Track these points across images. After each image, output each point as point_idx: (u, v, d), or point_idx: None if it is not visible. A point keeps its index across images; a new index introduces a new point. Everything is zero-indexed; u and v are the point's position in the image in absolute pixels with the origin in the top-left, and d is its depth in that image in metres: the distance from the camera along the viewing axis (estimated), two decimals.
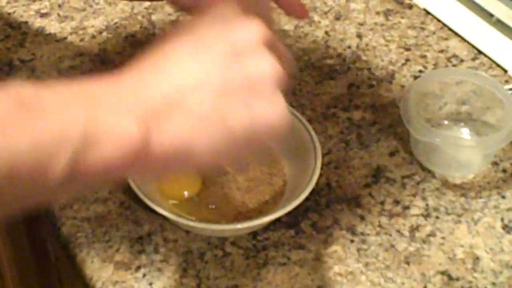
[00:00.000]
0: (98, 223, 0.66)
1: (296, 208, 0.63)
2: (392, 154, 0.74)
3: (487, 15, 0.88)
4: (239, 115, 0.49)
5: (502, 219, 0.69)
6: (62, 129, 0.43)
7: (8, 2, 0.90)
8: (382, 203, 0.69)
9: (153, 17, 0.89)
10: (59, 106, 0.45)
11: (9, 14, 0.88)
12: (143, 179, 0.65)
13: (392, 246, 0.66)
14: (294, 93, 0.79)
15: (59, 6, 0.90)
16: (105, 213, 0.67)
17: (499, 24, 0.87)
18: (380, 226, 0.67)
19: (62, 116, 0.44)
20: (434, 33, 0.88)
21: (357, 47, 0.86)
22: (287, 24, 0.89)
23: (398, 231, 0.67)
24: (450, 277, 0.64)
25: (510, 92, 0.74)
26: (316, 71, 0.82)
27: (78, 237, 0.65)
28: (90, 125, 0.45)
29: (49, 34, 0.86)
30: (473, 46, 0.86)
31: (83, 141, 0.44)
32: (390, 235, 0.66)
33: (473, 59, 0.85)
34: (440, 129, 0.76)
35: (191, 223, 0.63)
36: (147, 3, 0.90)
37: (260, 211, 0.66)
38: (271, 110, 0.50)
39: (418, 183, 0.71)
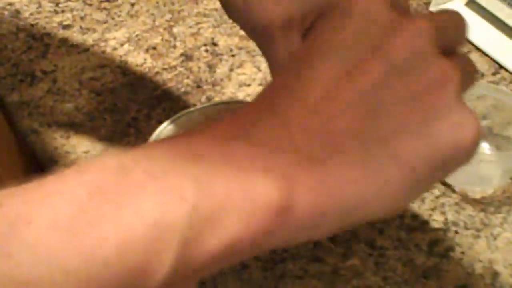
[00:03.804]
0: None
1: None
2: None
3: (509, 30, 0.87)
4: (414, 147, 0.37)
5: None
6: (160, 214, 0.32)
7: (31, 14, 0.91)
8: (401, 217, 0.69)
9: (174, 30, 0.89)
10: (153, 182, 0.33)
11: (32, 25, 0.89)
12: None
13: (411, 260, 0.65)
14: None
15: (81, 18, 0.91)
16: None
17: None
18: (398, 240, 0.67)
19: (159, 195, 0.32)
20: None
21: None
22: None
23: (417, 245, 0.67)
24: None
25: None
26: None
27: None
28: (203, 199, 0.33)
29: (71, 45, 0.87)
30: (494, 61, 0.86)
31: (194, 224, 0.32)
32: (409, 249, 0.66)
33: (494, 74, 0.84)
34: None
35: None
36: (169, 16, 0.91)
37: None
38: (457, 126, 0.37)
39: (437, 198, 0.71)
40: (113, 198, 0.32)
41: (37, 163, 0.74)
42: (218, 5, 0.93)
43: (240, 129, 0.37)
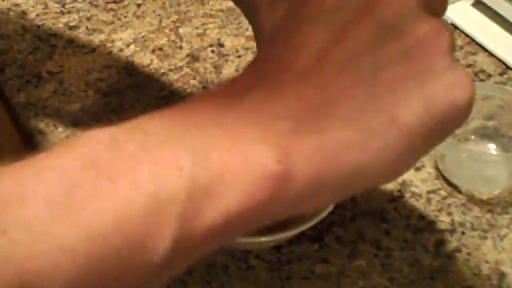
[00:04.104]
0: None
1: (320, 222, 0.63)
2: (417, 168, 0.73)
3: None
4: (411, 107, 0.36)
5: None
6: (158, 186, 0.31)
7: (37, 15, 0.91)
8: (407, 217, 0.69)
9: (181, 30, 0.89)
10: (148, 155, 0.32)
11: (38, 26, 0.89)
12: None
13: (417, 261, 0.65)
14: None
15: (88, 19, 0.91)
16: None
17: None
18: (405, 241, 0.67)
19: (155, 167, 0.32)
20: (461, 47, 0.87)
21: None
22: None
23: (423, 246, 0.66)
24: None
25: None
26: None
27: None
28: (200, 170, 0.32)
29: (78, 46, 0.87)
30: (501, 61, 0.86)
31: (192, 196, 0.32)
32: (415, 250, 0.66)
33: (501, 74, 0.84)
34: (466, 144, 0.75)
35: None
36: (175, 17, 0.91)
37: (284, 225, 0.66)
38: (451, 83, 0.37)
39: (443, 198, 0.71)
40: (108, 171, 0.31)
41: None
42: (224, 6, 0.93)
43: (234, 98, 0.36)
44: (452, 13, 0.91)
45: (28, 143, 0.77)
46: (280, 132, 0.35)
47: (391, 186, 0.71)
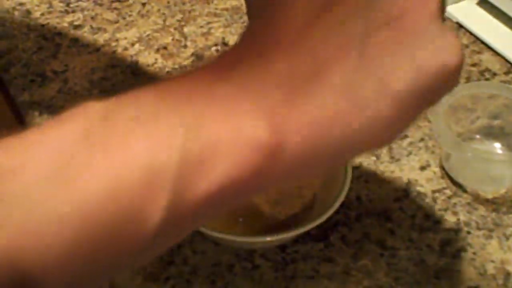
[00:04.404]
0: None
1: (325, 221, 0.63)
2: (423, 168, 0.73)
3: None
4: (401, 72, 0.36)
5: None
6: (151, 157, 0.32)
7: (42, 14, 0.91)
8: (413, 217, 0.69)
9: (185, 29, 0.89)
10: (141, 127, 0.32)
11: (42, 26, 0.89)
12: None
13: (422, 260, 0.65)
14: None
15: (92, 18, 0.91)
16: None
17: None
18: (410, 240, 0.67)
19: (148, 140, 0.32)
20: (467, 46, 0.87)
21: None
22: None
23: (429, 245, 0.66)
24: None
25: None
26: None
27: None
28: (192, 141, 0.32)
29: (82, 45, 0.87)
30: (506, 60, 0.85)
31: (185, 167, 0.32)
32: (420, 249, 0.66)
33: (506, 73, 0.84)
34: (472, 143, 0.75)
35: (220, 235, 0.63)
36: (180, 16, 0.91)
37: (289, 224, 0.66)
38: (441, 51, 0.37)
39: (449, 198, 0.71)
40: (101, 144, 0.31)
41: None
42: (229, 4, 0.93)
43: (224, 71, 0.36)
44: (457, 12, 0.90)
45: None
46: (272, 103, 0.34)
47: (396, 185, 0.71)
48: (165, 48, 0.87)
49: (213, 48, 0.87)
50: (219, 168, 0.33)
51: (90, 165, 0.31)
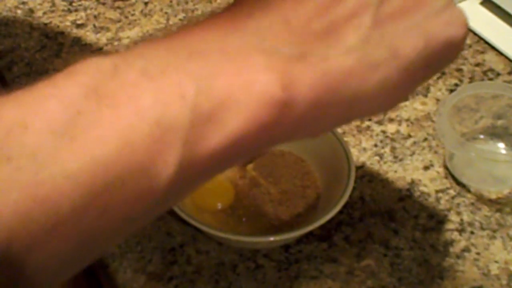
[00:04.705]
0: (131, 234, 0.66)
1: (329, 221, 0.63)
2: (426, 168, 0.73)
3: None
4: (411, 40, 0.38)
5: None
6: (161, 111, 0.31)
7: (44, 13, 0.91)
8: (416, 217, 0.69)
9: None
10: (150, 82, 0.32)
11: (45, 24, 0.89)
12: None
13: (426, 261, 0.65)
14: None
15: (95, 17, 0.91)
16: None
17: None
18: (414, 240, 0.66)
19: (158, 93, 0.32)
20: (470, 46, 0.87)
21: None
22: None
23: (432, 246, 0.66)
24: None
25: None
26: None
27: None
28: (204, 95, 0.32)
29: (85, 44, 0.87)
30: (510, 60, 0.85)
31: (196, 121, 0.32)
32: (424, 249, 0.66)
33: (510, 73, 0.84)
34: (475, 143, 0.75)
35: (224, 235, 0.63)
36: (182, 15, 0.91)
37: (292, 224, 0.66)
38: (448, 21, 0.39)
39: (452, 198, 0.70)
40: (110, 99, 0.31)
41: None
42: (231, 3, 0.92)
43: (238, 23, 0.36)
44: None
45: None
46: (284, 59, 0.35)
47: (399, 185, 0.71)
48: None
49: None
50: (230, 122, 0.33)
51: (100, 120, 0.31)
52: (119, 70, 0.32)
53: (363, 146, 0.75)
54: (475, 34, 0.89)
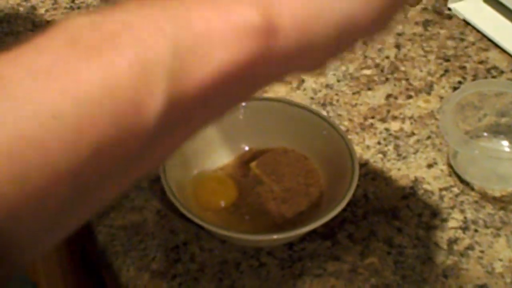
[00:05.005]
0: (134, 232, 0.66)
1: (332, 219, 0.63)
2: (430, 165, 0.73)
3: None
4: None
5: None
6: (143, 51, 0.32)
7: (47, 10, 0.91)
8: (420, 215, 0.68)
9: None
10: (129, 27, 0.32)
11: (48, 22, 0.89)
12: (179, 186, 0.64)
13: (430, 259, 0.65)
14: (331, 103, 0.79)
15: None
16: (141, 222, 0.67)
17: None
18: (417, 238, 0.66)
19: (138, 37, 0.32)
20: (473, 44, 0.87)
21: (395, 57, 0.85)
22: None
23: (436, 243, 0.66)
24: None
25: None
26: (353, 82, 0.82)
27: (114, 245, 0.65)
28: (184, 31, 0.33)
29: None
30: None
31: (179, 56, 0.32)
32: (428, 247, 0.66)
33: None
34: (479, 141, 0.75)
35: (228, 233, 0.63)
36: None
37: (296, 222, 0.66)
38: None
39: (456, 196, 0.70)
40: (91, 46, 0.31)
41: None
42: None
43: None
44: (464, 9, 0.90)
45: None
46: None
47: (403, 183, 0.71)
48: None
49: None
50: (214, 54, 0.33)
51: (82, 64, 0.31)
52: (99, 24, 0.32)
53: (366, 143, 0.75)
54: (478, 31, 0.88)
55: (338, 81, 0.82)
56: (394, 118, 0.78)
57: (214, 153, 0.70)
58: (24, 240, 0.31)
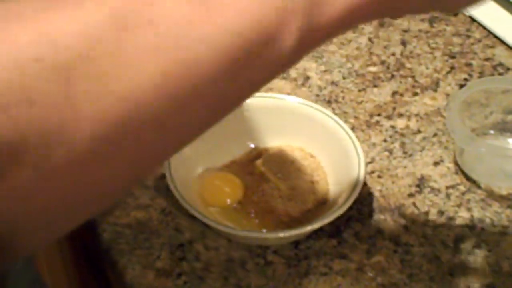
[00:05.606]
0: (139, 230, 0.66)
1: (338, 217, 0.63)
2: (436, 163, 0.73)
3: None
4: None
5: None
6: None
7: None
8: (426, 213, 0.68)
9: None
10: None
11: None
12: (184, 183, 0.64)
13: (436, 257, 0.64)
14: (336, 100, 0.78)
15: None
16: (146, 220, 0.67)
17: None
18: (424, 236, 0.66)
19: None
20: (479, 40, 0.87)
21: (401, 54, 0.85)
22: None
23: (443, 242, 0.66)
24: None
25: None
26: (359, 79, 0.82)
27: (119, 243, 0.65)
28: None
29: None
30: None
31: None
32: (434, 246, 0.65)
33: None
34: (485, 138, 0.74)
35: (233, 231, 0.62)
36: None
37: (302, 220, 0.66)
38: None
39: (463, 194, 0.70)
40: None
41: None
42: None
43: None
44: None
45: None
46: None
47: (409, 181, 0.71)
48: None
49: None
50: None
51: (223, 3, 0.33)
52: None
53: (372, 141, 0.74)
54: (484, 28, 0.88)
55: (344, 78, 0.82)
56: (400, 115, 0.77)
57: (220, 151, 0.70)
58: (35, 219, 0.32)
